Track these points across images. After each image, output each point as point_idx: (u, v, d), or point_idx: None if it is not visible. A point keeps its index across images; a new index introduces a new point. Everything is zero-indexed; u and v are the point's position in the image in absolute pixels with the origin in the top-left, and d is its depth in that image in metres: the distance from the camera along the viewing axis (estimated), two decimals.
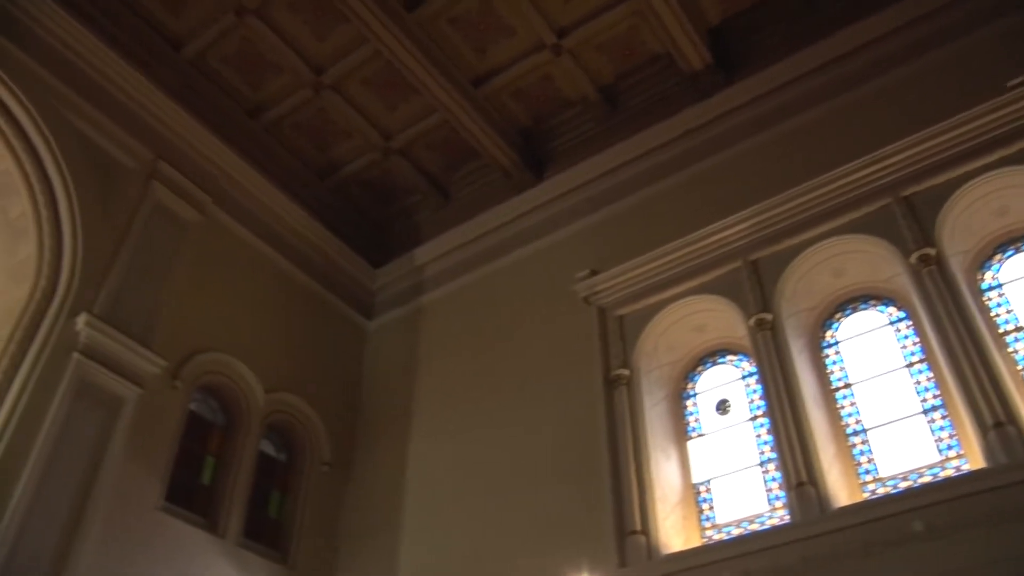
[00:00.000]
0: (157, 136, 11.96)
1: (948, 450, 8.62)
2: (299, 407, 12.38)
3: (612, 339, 11.07)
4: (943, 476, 8.35)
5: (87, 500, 9.19)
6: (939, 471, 8.49)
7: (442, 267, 13.91)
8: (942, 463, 8.57)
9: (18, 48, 10.52)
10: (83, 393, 9.66)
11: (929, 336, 8.94)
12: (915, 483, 8.52)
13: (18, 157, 10.43)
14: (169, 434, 10.56)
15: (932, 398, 9.01)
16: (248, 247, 12.92)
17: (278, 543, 11.31)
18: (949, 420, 8.76)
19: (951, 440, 8.66)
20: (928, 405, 9.01)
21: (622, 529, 9.49)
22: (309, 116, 13.51)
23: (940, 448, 8.70)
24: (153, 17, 12.21)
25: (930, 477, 8.49)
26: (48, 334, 9.69)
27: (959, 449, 8.53)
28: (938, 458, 8.64)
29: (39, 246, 10.30)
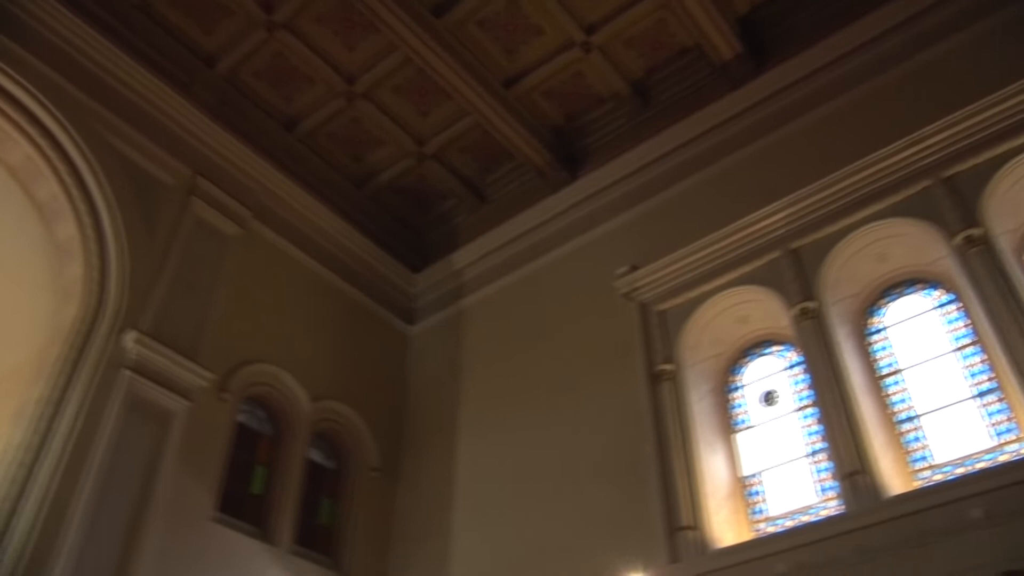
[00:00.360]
0: (195, 153, 12.14)
1: (1005, 434, 8.42)
2: (345, 414, 12.48)
3: (655, 334, 11.00)
4: (1001, 461, 8.14)
5: (143, 513, 9.36)
6: (996, 456, 8.30)
7: (481, 269, 13.93)
8: (999, 448, 8.37)
9: (56, 72, 10.77)
10: (135, 408, 9.83)
11: (979, 318, 8.75)
12: (971, 469, 8.34)
13: (63, 180, 10.67)
14: (219, 445, 10.70)
15: (986, 381, 8.81)
16: (289, 258, 13.05)
17: (330, 549, 11.41)
18: (1005, 403, 8.55)
19: (1007, 424, 8.46)
20: (981, 389, 8.81)
21: (672, 525, 9.42)
22: (343, 126, 13.62)
23: (996, 432, 8.50)
24: (186, 36, 12.41)
25: (987, 462, 8.29)
26: (98, 352, 9.89)
27: (1016, 432, 8.34)
28: (994, 443, 8.45)
29: (86, 266, 10.51)
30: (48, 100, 10.57)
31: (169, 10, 12.16)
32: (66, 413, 9.34)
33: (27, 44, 10.61)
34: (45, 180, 10.74)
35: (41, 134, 10.58)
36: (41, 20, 10.84)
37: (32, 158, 10.65)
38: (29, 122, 10.51)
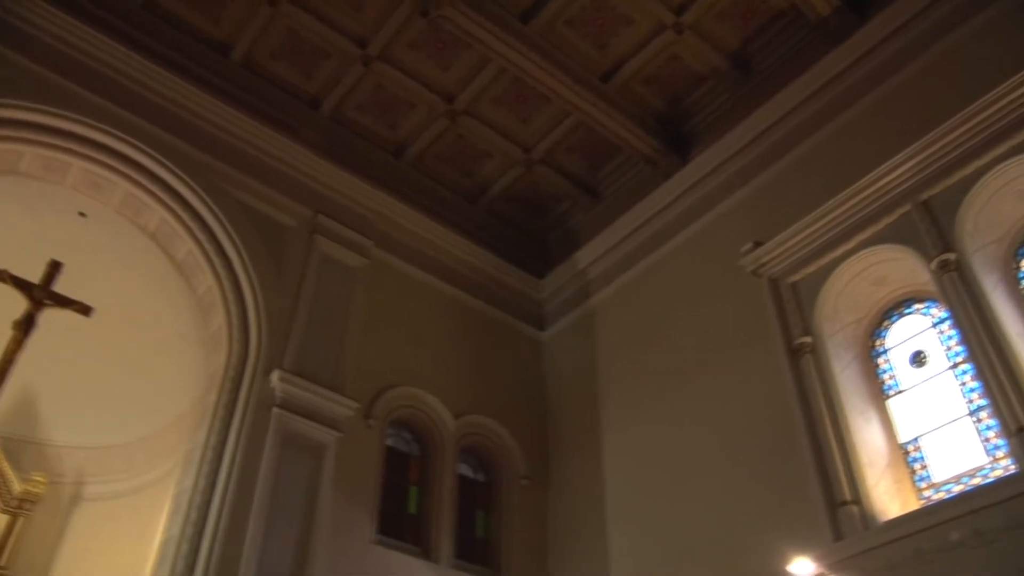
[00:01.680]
0: (313, 193, 12.62)
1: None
2: (489, 427, 12.64)
3: (788, 308, 10.65)
4: None
5: (309, 542, 9.74)
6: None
7: (604, 266, 13.86)
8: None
9: (179, 138, 11.49)
10: (288, 443, 10.28)
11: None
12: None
13: (196, 237, 11.30)
14: (372, 470, 11.03)
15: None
16: (415, 281, 13.34)
17: (489, 561, 11.58)
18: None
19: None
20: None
21: (832, 501, 9.05)
22: (449, 144, 13.86)
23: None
24: (289, 83, 12.95)
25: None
26: (248, 394, 10.40)
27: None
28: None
29: (227, 315, 11.08)
30: (175, 165, 11.28)
31: (270, 62, 12.73)
32: (228, 454, 9.87)
33: (151, 116, 11.36)
34: (180, 239, 11.41)
35: (172, 197, 11.26)
36: (158, 92, 11.61)
37: (167, 220, 11.35)
38: (161, 188, 11.22)
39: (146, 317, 12.29)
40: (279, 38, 12.43)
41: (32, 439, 12.08)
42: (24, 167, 10.85)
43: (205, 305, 11.54)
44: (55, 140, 10.69)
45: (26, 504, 10.57)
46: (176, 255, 11.63)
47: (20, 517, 10.48)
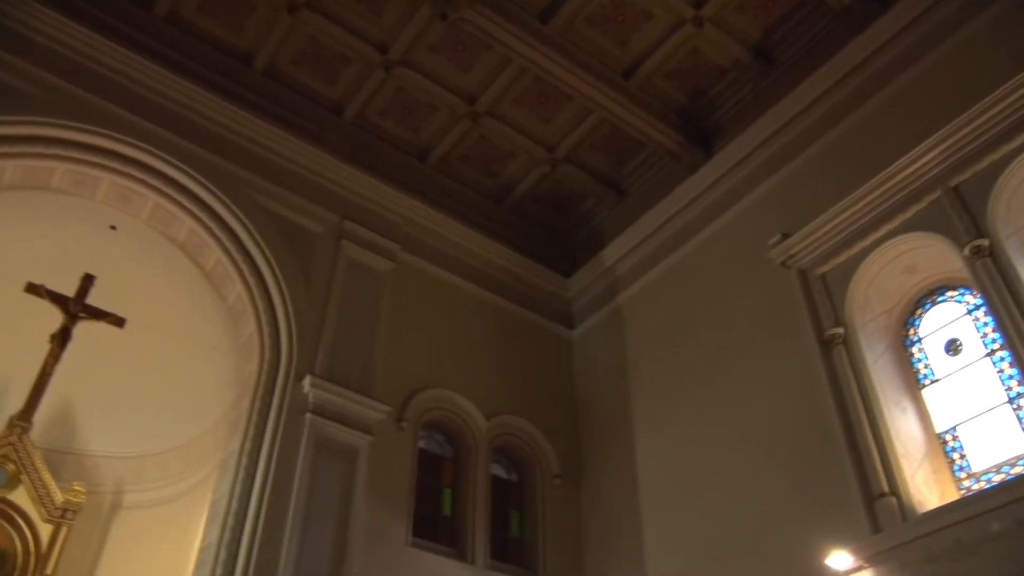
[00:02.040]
0: (338, 198, 12.69)
1: None
2: (521, 427, 12.64)
3: (819, 299, 10.55)
4: None
5: (345, 546, 9.80)
6: None
7: (632, 263, 13.82)
8: None
9: (206, 149, 11.60)
10: (322, 448, 10.34)
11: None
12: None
13: (225, 247, 11.40)
14: (405, 473, 11.07)
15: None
16: (443, 283, 13.37)
17: (525, 561, 11.58)
18: None
19: None
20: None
21: (869, 494, 8.94)
22: (472, 146, 13.89)
23: None
24: (311, 90, 13.06)
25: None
26: (281, 400, 10.48)
27: None
28: None
29: (257, 322, 11.17)
30: (202, 176, 11.40)
31: (293, 70, 12.83)
32: (262, 460, 9.95)
33: (177, 128, 11.48)
34: (209, 249, 11.52)
35: (200, 208, 11.38)
36: (184, 104, 11.74)
37: (196, 231, 11.47)
38: (189, 199, 11.33)
39: (178, 327, 12.42)
40: (300, 46, 12.53)
41: (71, 450, 12.25)
42: (56, 183, 11.02)
43: (236, 313, 11.65)
44: (85, 155, 10.84)
45: (68, 513, 10.72)
46: (206, 265, 11.74)
47: (63, 526, 10.64)
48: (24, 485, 10.64)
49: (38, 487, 10.68)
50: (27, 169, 10.68)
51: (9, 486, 10.59)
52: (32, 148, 10.50)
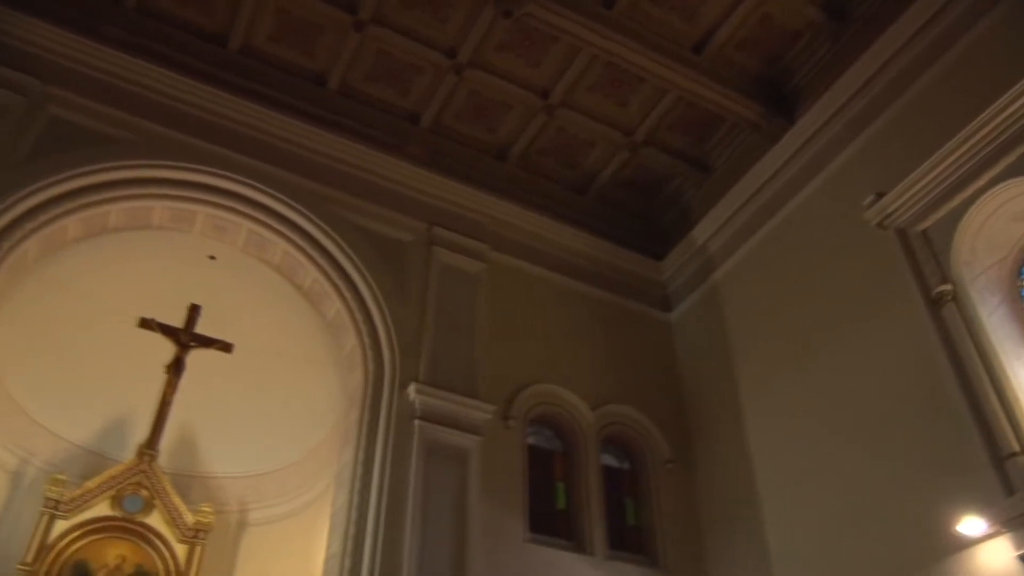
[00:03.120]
0: (424, 206, 12.86)
1: None
2: (628, 414, 12.57)
3: (922, 257, 10.14)
4: None
5: (464, 546, 9.90)
6: None
7: (723, 240, 13.60)
8: None
9: (294, 173, 11.94)
10: (433, 452, 10.48)
11: None
12: None
13: (319, 265, 11.70)
14: (516, 470, 11.13)
15: None
16: (536, 278, 13.38)
17: (645, 548, 11.49)
18: None
19: None
20: None
21: (997, 454, 8.50)
22: (550, 139, 13.87)
23: None
24: (386, 103, 13.27)
25: None
26: (388, 409, 10.68)
27: None
28: None
29: (358, 335, 11.41)
30: (290, 199, 11.73)
31: (366, 85, 13.05)
32: (376, 469, 10.15)
33: (263, 155, 11.86)
34: (305, 268, 11.83)
35: (292, 229, 11.70)
36: (266, 131, 12.11)
37: (290, 252, 11.80)
38: (280, 222, 11.67)
39: (282, 346, 12.83)
40: (371, 61, 12.73)
41: (196, 473, 12.80)
42: (156, 220, 11.51)
43: (336, 328, 11.94)
44: (180, 191, 11.29)
45: (200, 534, 11.21)
46: (303, 284, 12.07)
47: (196, 545, 11.13)
48: (158, 509, 11.17)
49: (170, 510, 11.20)
50: (129, 210, 11.19)
51: (145, 511, 11.14)
52: (132, 190, 11.00)
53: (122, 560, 10.84)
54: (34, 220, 10.13)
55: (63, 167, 10.44)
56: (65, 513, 10.73)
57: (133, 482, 11.20)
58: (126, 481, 11.18)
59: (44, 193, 10.23)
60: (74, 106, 11.02)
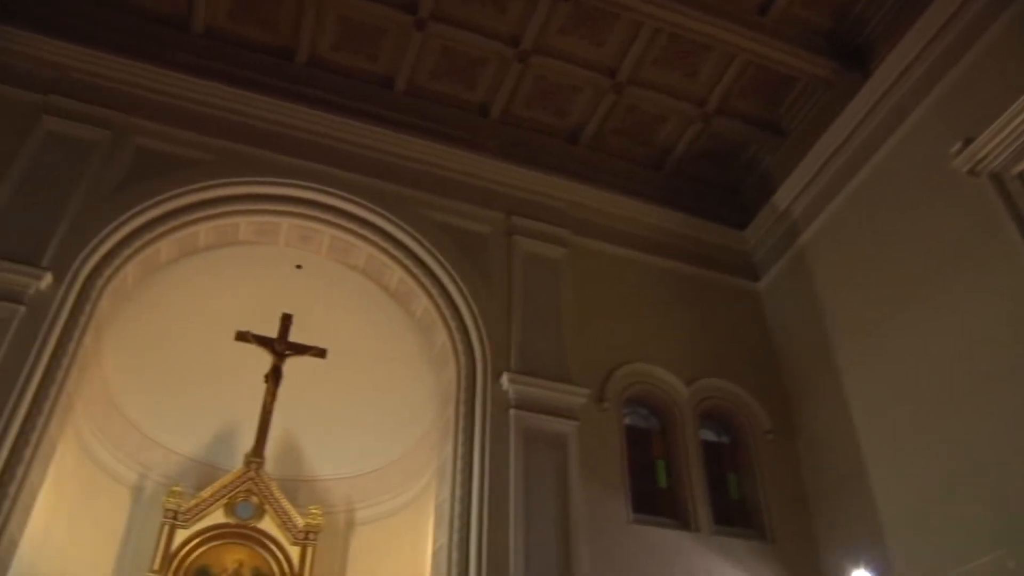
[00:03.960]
0: (501, 196, 12.91)
1: None
2: (723, 387, 12.42)
3: (1020, 201, 9.76)
4: None
5: (568, 531, 9.94)
6: None
7: (807, 202, 13.26)
8: None
9: (372, 177, 12.14)
10: (530, 440, 10.55)
11: None
12: None
13: (403, 264, 11.88)
14: (615, 452, 11.11)
15: None
16: (619, 259, 13.29)
17: (751, 522, 11.37)
18: None
19: None
20: None
21: None
22: (621, 118, 13.75)
23: None
24: (454, 98, 13.37)
25: None
26: (484, 401, 10.79)
27: None
28: None
29: (448, 331, 11.55)
30: (370, 202, 11.95)
31: (432, 83, 13.17)
32: (476, 461, 10.29)
33: (339, 162, 12.10)
34: (390, 269, 12.04)
35: (374, 232, 11.92)
36: (340, 138, 12.34)
37: (374, 255, 12.02)
38: (361, 226, 11.90)
39: (374, 348, 13.08)
40: (435, 58, 12.85)
41: (302, 477, 13.19)
42: (242, 235, 11.87)
43: (425, 325, 12.11)
44: (263, 205, 11.61)
45: (310, 535, 11.55)
46: (389, 285, 12.28)
47: (308, 547, 11.47)
48: (268, 514, 11.55)
49: (280, 514, 11.56)
50: (217, 228, 11.56)
51: (256, 516, 11.54)
52: (217, 209, 11.36)
53: (240, 564, 11.28)
54: (130, 247, 10.58)
55: (152, 193, 10.86)
56: (184, 522, 11.20)
57: (243, 489, 11.61)
58: (237, 489, 11.60)
59: (137, 220, 10.68)
60: (156, 134, 11.45)
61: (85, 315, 9.85)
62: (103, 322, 10.68)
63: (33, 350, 9.17)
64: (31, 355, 9.12)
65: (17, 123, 10.80)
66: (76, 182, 10.56)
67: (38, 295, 9.52)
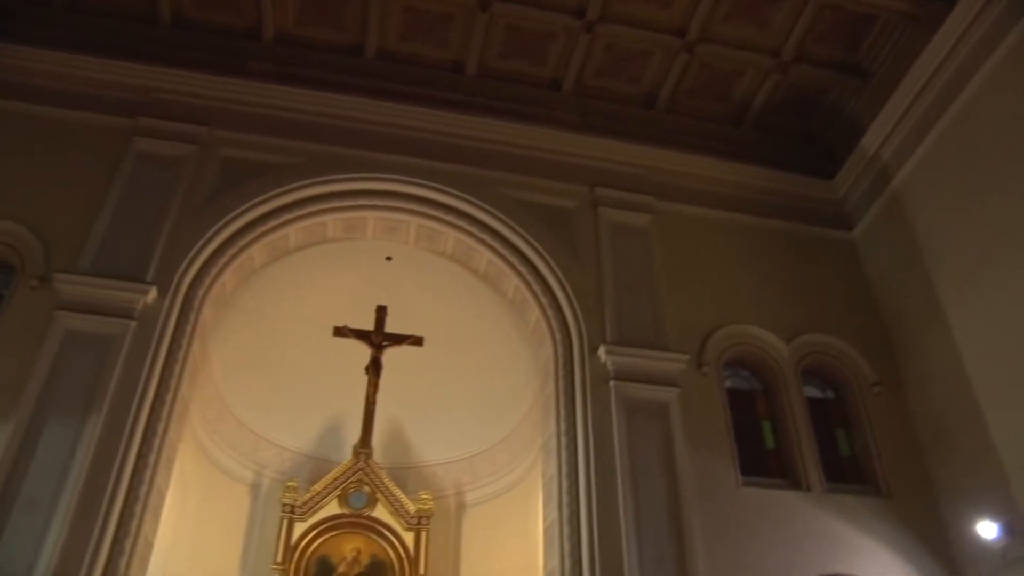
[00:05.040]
0: (582, 169, 12.84)
1: None
2: (825, 342, 12.15)
3: None
4: None
5: (678, 498, 9.94)
6: None
7: (897, 144, 12.77)
8: None
9: (448, 163, 12.20)
10: (632, 410, 10.55)
11: None
12: None
13: (491, 246, 11.97)
14: (719, 415, 11.04)
15: None
16: (706, 220, 13.09)
17: (864, 477, 11.13)
18: None
19: None
20: None
21: None
22: (695, 77, 13.53)
23: None
24: (526, 75, 13.41)
25: None
26: (583, 375, 10.84)
27: None
28: None
29: (540, 308, 11.60)
30: (452, 188, 12.04)
31: (502, 63, 13.22)
32: (580, 435, 10.34)
33: (419, 152, 12.25)
34: (478, 252, 12.13)
35: (458, 217, 12.04)
36: (418, 128, 12.50)
37: (461, 239, 12.13)
38: (446, 212, 12.02)
39: (470, 330, 13.23)
40: (502, 38, 12.88)
41: (410, 464, 13.47)
42: (330, 233, 12.14)
43: (518, 305, 12.19)
44: (348, 202, 11.84)
45: (423, 520, 11.81)
46: (478, 268, 12.37)
47: (422, 532, 11.72)
48: (381, 502, 11.84)
49: (392, 502, 11.84)
50: (305, 229, 11.84)
51: (369, 505, 11.84)
52: (305, 210, 11.64)
53: (358, 552, 11.61)
54: (225, 255, 10.96)
55: (240, 201, 11.22)
56: (301, 516, 11.57)
57: (355, 480, 11.92)
58: (348, 480, 11.92)
59: (229, 228, 11.06)
60: (239, 143, 11.81)
61: (190, 324, 10.28)
62: (207, 329, 11.10)
63: (147, 361, 9.64)
64: (145, 365, 9.60)
65: (110, 148, 11.34)
66: (169, 198, 10.99)
67: (146, 309, 9.97)
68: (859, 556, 10.14)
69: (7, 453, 8.64)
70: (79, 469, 8.68)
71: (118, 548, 8.62)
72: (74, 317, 9.67)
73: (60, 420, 8.94)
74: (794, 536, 10.14)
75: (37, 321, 9.62)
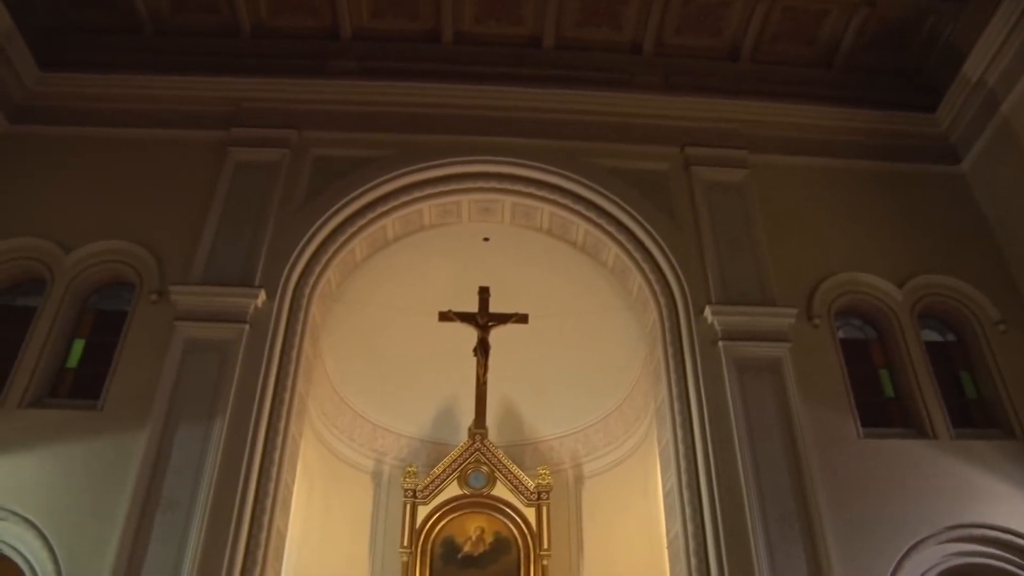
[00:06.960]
0: (671, 130, 12.60)
1: None
2: (940, 282, 11.65)
3: None
4: None
5: (797, 456, 9.72)
6: None
7: (1003, 66, 12.01)
8: None
9: (537, 138, 12.21)
10: (744, 369, 10.39)
11: None
12: None
13: (586, 216, 11.96)
14: (834, 368, 10.73)
15: None
16: (804, 169, 12.66)
17: (994, 421, 10.63)
18: None
19: None
20: None
21: None
22: (779, 22, 13.12)
23: None
24: (604, 42, 13.24)
25: None
26: (690, 338, 10.72)
27: None
28: None
29: (642, 273, 11.53)
30: (545, 163, 12.02)
31: (579, 32, 13.10)
32: (692, 398, 10.26)
33: (507, 130, 12.26)
34: (574, 225, 12.15)
35: (552, 191, 12.03)
36: (503, 107, 12.51)
37: (556, 213, 12.16)
38: (540, 187, 12.03)
39: (573, 303, 13.27)
40: (577, 7, 12.77)
41: (525, 441, 13.63)
42: (427, 220, 12.33)
43: (619, 272, 12.16)
44: (441, 187, 11.96)
45: (543, 495, 11.90)
46: (576, 239, 12.38)
47: (543, 507, 11.83)
48: (499, 480, 12.00)
49: (511, 479, 11.98)
50: (402, 219, 12.06)
51: (489, 484, 12.01)
52: (400, 199, 11.83)
53: (481, 531, 11.81)
54: (327, 252, 11.26)
55: (336, 198, 11.49)
56: (423, 499, 11.83)
57: (472, 461, 12.10)
58: (466, 461, 12.11)
59: (328, 225, 11.35)
60: (329, 142, 12.07)
61: (300, 323, 10.63)
62: (317, 326, 11.45)
63: (263, 362, 10.03)
64: (262, 366, 9.99)
65: (209, 161, 11.79)
66: (268, 202, 11.36)
67: (256, 312, 10.35)
68: (993, 504, 9.72)
69: (146, 458, 9.15)
70: (211, 469, 9.13)
71: (254, 541, 9.05)
72: (192, 326, 10.13)
73: (189, 424, 9.42)
74: (922, 486, 9.79)
75: (159, 333, 10.13)
